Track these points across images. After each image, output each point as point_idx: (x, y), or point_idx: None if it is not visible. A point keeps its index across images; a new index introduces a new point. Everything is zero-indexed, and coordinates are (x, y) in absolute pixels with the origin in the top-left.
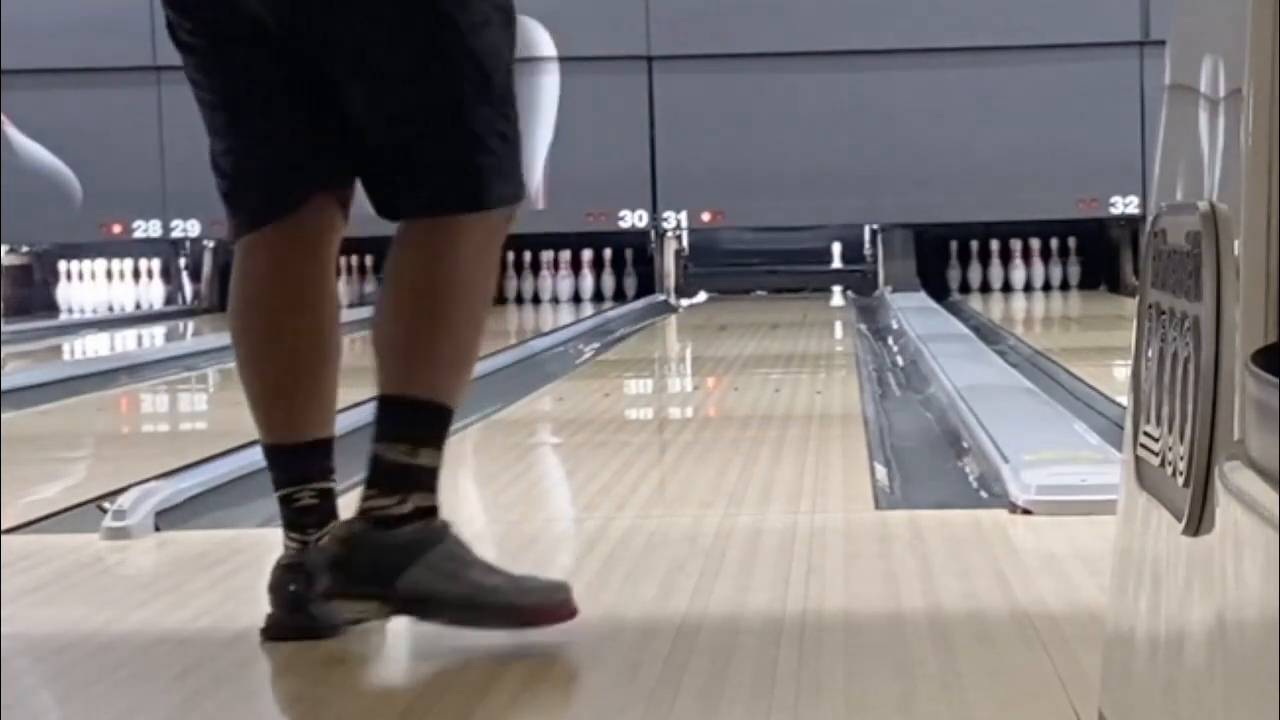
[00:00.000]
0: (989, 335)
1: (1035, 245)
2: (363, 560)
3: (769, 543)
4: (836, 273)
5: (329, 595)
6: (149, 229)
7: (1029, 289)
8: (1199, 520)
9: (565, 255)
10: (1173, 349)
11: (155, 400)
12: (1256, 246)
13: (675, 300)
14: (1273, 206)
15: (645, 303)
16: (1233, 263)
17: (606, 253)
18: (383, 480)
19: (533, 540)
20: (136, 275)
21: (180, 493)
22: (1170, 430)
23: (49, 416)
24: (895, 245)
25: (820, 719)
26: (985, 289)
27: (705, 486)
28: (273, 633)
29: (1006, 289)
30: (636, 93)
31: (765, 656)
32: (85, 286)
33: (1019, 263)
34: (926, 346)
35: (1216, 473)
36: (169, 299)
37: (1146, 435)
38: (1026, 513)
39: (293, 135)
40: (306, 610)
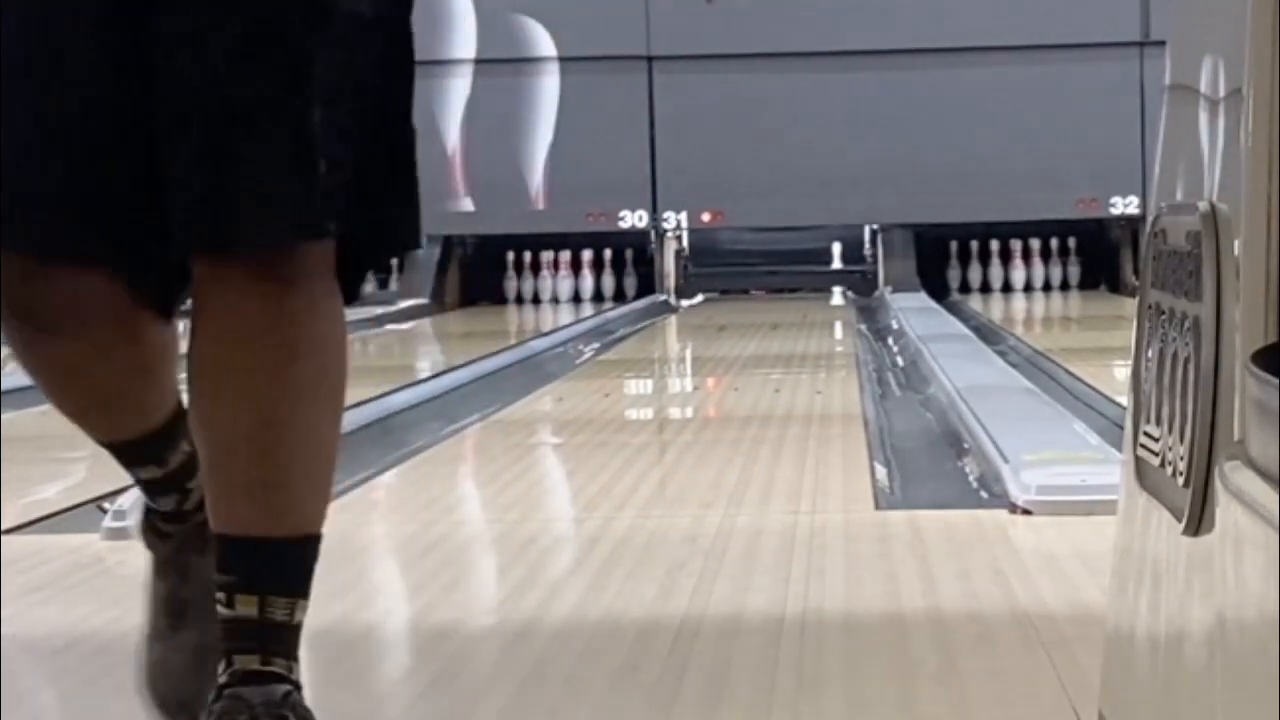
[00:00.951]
0: (989, 335)
1: (1035, 245)
2: None
3: (769, 543)
4: (837, 273)
5: None
6: None
7: (1029, 289)
8: (1199, 520)
9: (565, 256)
10: (1173, 349)
11: None
12: (1257, 247)
13: (675, 300)
14: (1273, 207)
15: (645, 303)
16: (1233, 263)
17: (606, 253)
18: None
19: (532, 540)
20: None
21: None
22: (1170, 430)
23: (49, 417)
24: (895, 245)
25: (820, 718)
26: (985, 289)
27: (705, 486)
28: None
29: (1006, 289)
30: (636, 93)
31: (765, 656)
32: None
33: (1019, 263)
34: (927, 347)
35: (1216, 473)
36: None
37: (1146, 435)
38: (1026, 513)
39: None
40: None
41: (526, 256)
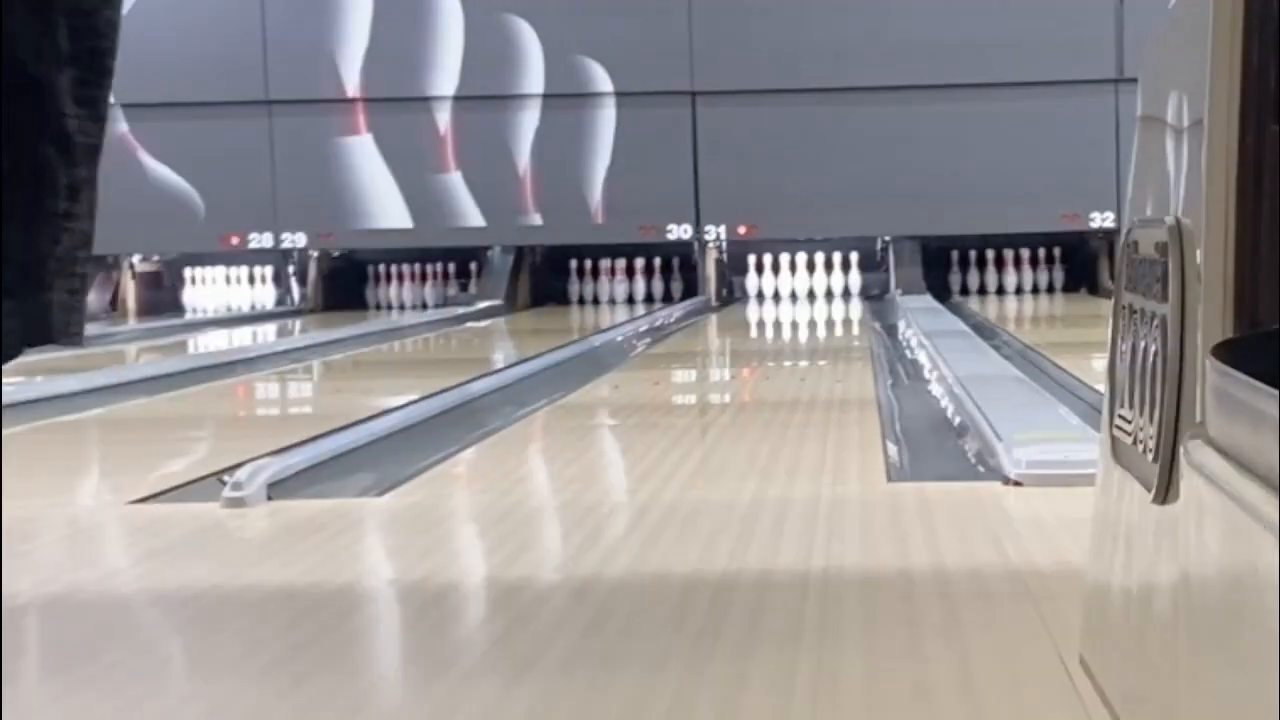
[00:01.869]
0: (985, 332)
1: (1025, 254)
2: None
3: (795, 511)
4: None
5: None
6: (262, 240)
7: (1019, 292)
8: (1166, 491)
9: (620, 263)
10: (1143, 343)
11: (267, 388)
12: (1216, 255)
13: (715, 302)
14: (1230, 221)
15: (689, 304)
16: (1195, 269)
17: (656, 261)
18: None
19: (592, 509)
20: (251, 280)
21: (289, 467)
22: (1141, 413)
23: (176, 402)
24: (904, 254)
25: (840, 663)
26: (982, 291)
27: (741, 463)
28: None
29: (1000, 292)
30: (682, 123)
31: (792, 608)
32: (207, 290)
33: (1011, 269)
34: (931, 341)
35: (1181, 450)
36: (279, 301)
37: (1121, 418)
38: (1018, 485)
39: None
40: None
41: (587, 264)
